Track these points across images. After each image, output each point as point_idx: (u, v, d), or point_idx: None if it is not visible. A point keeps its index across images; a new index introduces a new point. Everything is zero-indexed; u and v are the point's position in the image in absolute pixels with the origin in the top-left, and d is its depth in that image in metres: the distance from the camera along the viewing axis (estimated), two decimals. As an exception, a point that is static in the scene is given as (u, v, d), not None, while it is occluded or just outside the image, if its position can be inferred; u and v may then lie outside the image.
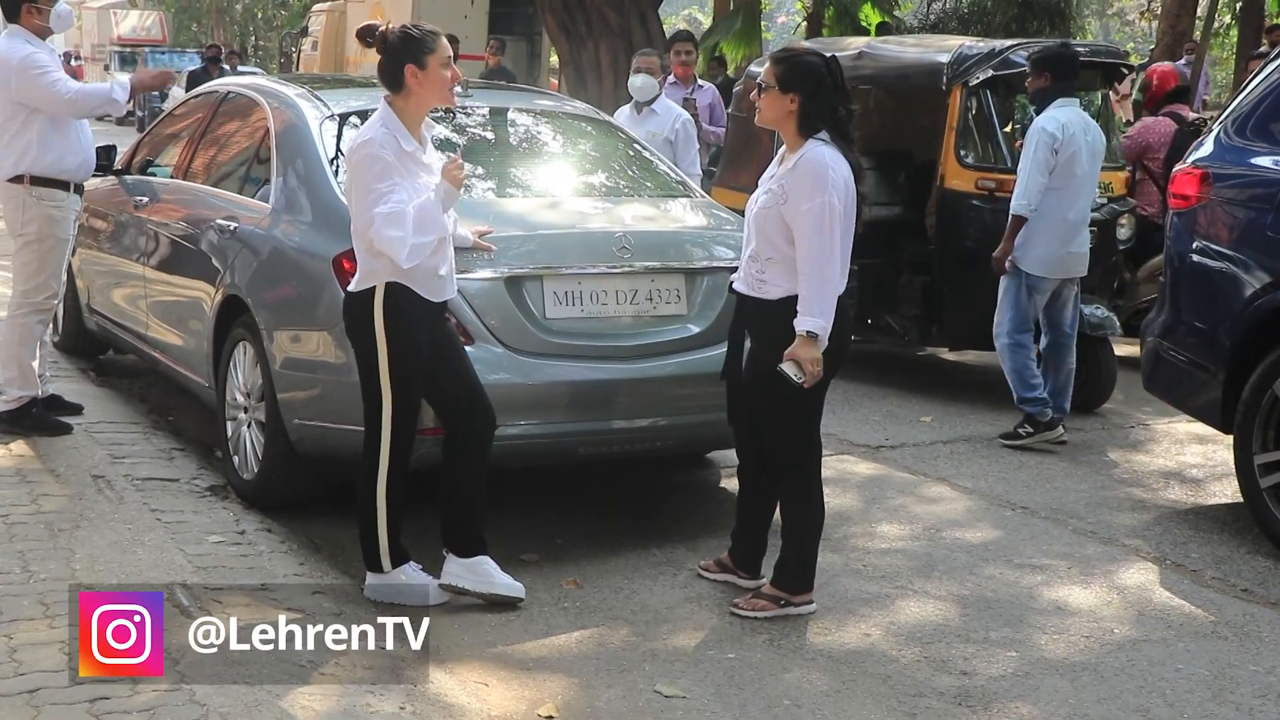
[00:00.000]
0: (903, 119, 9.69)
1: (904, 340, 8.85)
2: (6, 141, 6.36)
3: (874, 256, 8.32)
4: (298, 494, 5.74)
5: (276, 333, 5.60)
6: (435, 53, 4.71)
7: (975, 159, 8.23)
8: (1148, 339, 6.53)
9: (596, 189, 6.36)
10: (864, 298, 8.41)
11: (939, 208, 8.31)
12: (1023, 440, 7.35)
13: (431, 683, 4.18)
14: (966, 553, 5.70)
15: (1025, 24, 19.56)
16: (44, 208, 6.42)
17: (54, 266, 6.53)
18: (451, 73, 4.76)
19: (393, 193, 4.55)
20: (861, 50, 9.07)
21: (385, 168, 4.57)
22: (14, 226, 6.46)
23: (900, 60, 8.98)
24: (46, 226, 6.44)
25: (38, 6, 6.39)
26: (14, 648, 4.03)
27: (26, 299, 6.49)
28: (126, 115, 35.81)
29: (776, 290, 4.74)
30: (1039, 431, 7.36)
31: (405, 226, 4.53)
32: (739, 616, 4.90)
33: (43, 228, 6.43)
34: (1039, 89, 7.40)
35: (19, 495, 5.47)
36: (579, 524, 5.85)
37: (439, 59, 4.72)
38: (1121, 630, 4.95)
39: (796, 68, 4.78)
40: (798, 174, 4.69)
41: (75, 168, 6.54)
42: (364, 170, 4.60)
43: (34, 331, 6.54)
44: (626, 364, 5.53)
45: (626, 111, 8.70)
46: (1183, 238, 6.33)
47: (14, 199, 6.42)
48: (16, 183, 6.39)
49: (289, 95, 6.33)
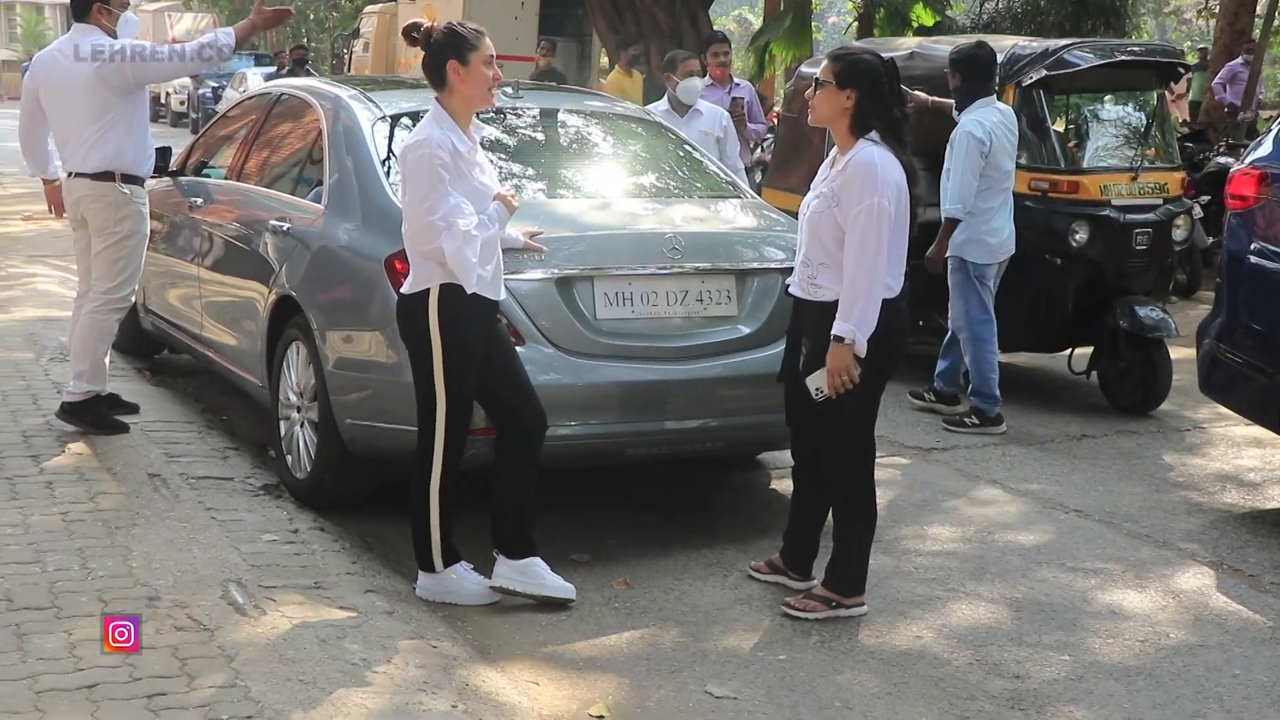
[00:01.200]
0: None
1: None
2: (94, 138, 6.35)
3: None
4: (350, 493, 5.78)
5: (329, 333, 5.64)
6: (478, 50, 4.73)
7: (1028, 159, 8.17)
8: (1204, 341, 6.47)
9: (647, 190, 6.36)
10: (915, 299, 8.35)
11: None
12: (967, 429, 7.59)
13: (483, 682, 4.20)
14: (1019, 555, 5.66)
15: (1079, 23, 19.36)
16: (135, 204, 6.47)
17: (138, 262, 6.58)
18: (493, 71, 4.78)
19: (449, 199, 4.58)
20: (914, 50, 9.04)
21: (441, 170, 4.59)
22: (106, 224, 6.45)
23: None
24: (137, 223, 6.50)
25: (109, 8, 6.43)
26: (73, 644, 4.08)
27: (110, 296, 6.52)
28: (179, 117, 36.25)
29: (830, 293, 4.73)
30: (984, 425, 7.59)
31: (476, 251, 4.59)
32: (790, 618, 4.89)
33: (134, 224, 6.48)
34: (956, 89, 7.64)
35: (77, 493, 5.54)
36: (629, 525, 5.85)
37: (481, 56, 4.73)
38: (1177, 635, 4.90)
39: (854, 65, 4.77)
40: (849, 175, 4.67)
41: (149, 166, 6.64)
42: (420, 171, 4.62)
43: (111, 328, 6.60)
44: (677, 365, 5.53)
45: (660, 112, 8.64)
46: (1240, 238, 6.26)
47: (105, 197, 6.41)
48: (106, 180, 6.39)
49: (341, 97, 6.37)
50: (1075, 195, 8.07)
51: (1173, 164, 8.65)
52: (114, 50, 6.28)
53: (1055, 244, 8.04)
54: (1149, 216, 8.11)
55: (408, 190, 4.69)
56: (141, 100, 6.54)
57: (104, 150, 6.36)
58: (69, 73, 6.36)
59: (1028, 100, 8.16)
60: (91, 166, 6.37)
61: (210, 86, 33.76)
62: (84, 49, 6.31)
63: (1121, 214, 8.03)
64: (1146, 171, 8.24)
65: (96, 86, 6.30)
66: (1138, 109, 8.82)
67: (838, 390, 4.66)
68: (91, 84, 6.30)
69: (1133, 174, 8.18)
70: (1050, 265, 8.10)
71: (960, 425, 7.58)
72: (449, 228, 4.57)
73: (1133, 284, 8.14)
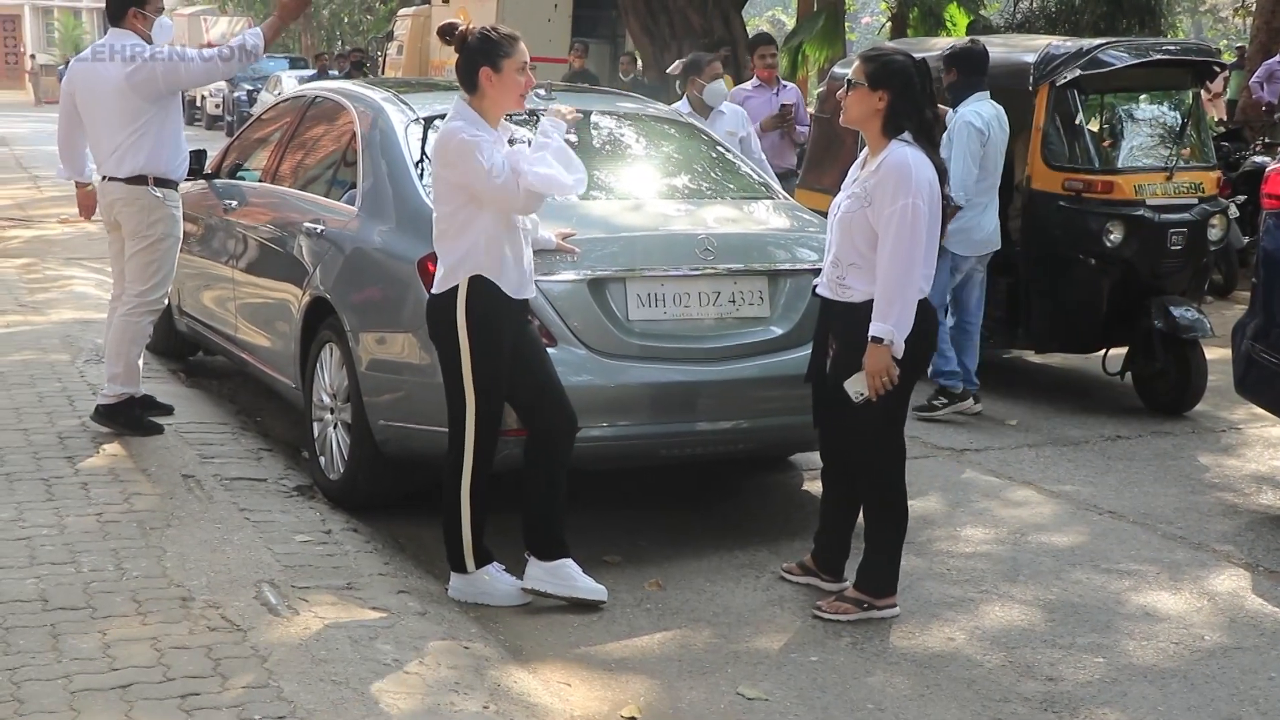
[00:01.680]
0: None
1: (989, 342, 8.75)
2: (127, 143, 6.39)
3: None
4: (383, 494, 5.80)
5: (362, 335, 5.66)
6: (511, 57, 4.74)
7: (1062, 159, 8.13)
8: (1240, 341, 6.42)
9: (679, 191, 6.36)
10: (949, 300, 8.36)
11: (1025, 208, 8.22)
12: (938, 412, 7.70)
13: (515, 683, 4.20)
14: (1053, 557, 5.63)
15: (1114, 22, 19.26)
16: (168, 207, 6.50)
17: (171, 265, 6.62)
18: (526, 79, 4.78)
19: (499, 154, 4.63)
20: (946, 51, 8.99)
21: (481, 143, 4.63)
22: (139, 228, 6.49)
23: None
24: (170, 226, 6.53)
25: (144, 13, 6.47)
26: (107, 644, 4.11)
27: (144, 298, 6.56)
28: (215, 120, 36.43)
29: (859, 294, 4.73)
30: (952, 403, 7.74)
31: (549, 163, 4.66)
32: (822, 619, 4.88)
33: (168, 227, 6.51)
34: (951, 84, 7.70)
35: (112, 494, 5.58)
36: (661, 526, 5.85)
37: (514, 64, 4.74)
38: (1212, 637, 4.87)
39: (887, 66, 4.76)
40: (881, 176, 4.66)
41: (183, 169, 6.67)
42: (467, 154, 4.63)
43: (145, 331, 6.65)
44: (709, 366, 5.53)
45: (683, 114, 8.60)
46: (1277, 238, 6.21)
47: (139, 200, 6.45)
48: (139, 184, 6.43)
49: (375, 99, 6.39)
50: (1110, 195, 8.01)
51: (1208, 163, 8.59)
52: (145, 56, 6.32)
53: (1090, 244, 7.98)
54: (1184, 216, 8.05)
55: (468, 175, 4.66)
56: (174, 105, 6.57)
57: (137, 155, 6.39)
58: (103, 78, 6.40)
59: (1062, 100, 8.12)
60: (125, 171, 6.42)
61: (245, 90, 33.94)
62: (118, 54, 6.35)
63: (1156, 214, 7.98)
64: (1182, 171, 8.18)
65: (128, 92, 6.35)
66: (1173, 108, 8.76)
67: (879, 391, 4.65)
68: (123, 89, 6.34)
69: (1168, 173, 8.12)
70: (1085, 265, 8.05)
71: (931, 410, 7.71)
72: (519, 174, 4.62)
73: (1168, 284, 8.08)
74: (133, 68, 6.31)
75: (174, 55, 6.38)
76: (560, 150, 4.75)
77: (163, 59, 6.33)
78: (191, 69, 6.40)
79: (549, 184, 4.67)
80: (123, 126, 6.39)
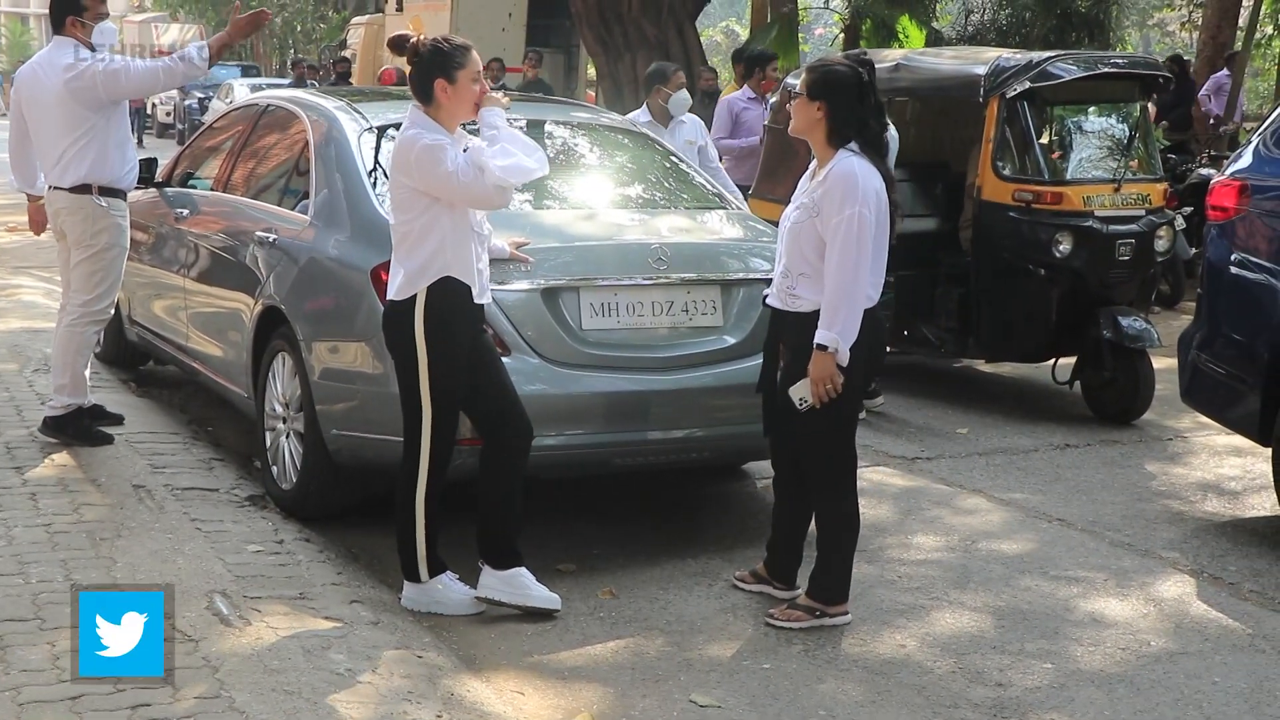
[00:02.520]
0: (940, 130, 9.67)
1: (940, 352, 8.83)
2: (70, 152, 6.33)
3: (910, 268, 8.32)
4: (336, 504, 5.79)
5: (315, 344, 5.65)
6: (465, 68, 4.74)
7: (1012, 170, 8.21)
8: (1186, 351, 6.50)
9: (633, 201, 6.38)
10: (900, 309, 8.42)
11: (976, 219, 8.30)
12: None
13: (468, 692, 4.21)
14: (1002, 564, 5.68)
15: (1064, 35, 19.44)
16: (113, 217, 6.43)
17: (116, 276, 6.56)
18: (480, 88, 4.79)
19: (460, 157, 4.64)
20: (899, 62, 9.07)
21: (445, 148, 4.64)
22: (82, 237, 6.44)
23: (937, 72, 8.98)
24: (115, 236, 6.46)
25: (82, 20, 6.43)
26: (56, 655, 4.07)
27: (88, 308, 6.50)
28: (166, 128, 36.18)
29: (808, 304, 4.76)
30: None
31: (509, 152, 4.66)
32: (774, 627, 4.90)
33: (112, 237, 6.45)
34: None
35: (61, 505, 5.53)
36: (615, 534, 5.86)
37: (469, 73, 4.75)
38: (1158, 643, 4.93)
39: (825, 76, 4.80)
40: (828, 186, 4.70)
41: (131, 178, 6.61)
42: (432, 152, 4.63)
43: (90, 341, 6.59)
44: (663, 375, 5.55)
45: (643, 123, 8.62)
46: (1220, 249, 6.30)
47: (82, 209, 6.39)
48: (83, 193, 6.37)
49: (328, 108, 6.39)
50: (1059, 206, 8.09)
51: (1155, 175, 8.70)
52: (86, 63, 6.27)
53: (1039, 255, 8.06)
54: (1132, 227, 8.14)
55: (431, 181, 4.67)
56: (119, 113, 6.50)
57: (81, 163, 6.33)
58: (44, 86, 6.36)
59: (1012, 112, 8.20)
60: (69, 180, 6.36)
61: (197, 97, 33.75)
62: (58, 63, 6.31)
63: (1105, 225, 8.07)
64: (1129, 183, 8.28)
65: (68, 100, 6.29)
66: (1121, 121, 8.86)
67: (822, 399, 4.69)
68: (64, 97, 6.29)
69: (1116, 185, 8.22)
70: (1034, 276, 8.13)
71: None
72: (484, 169, 4.62)
73: (1116, 295, 8.17)
74: (72, 75, 6.25)
75: (115, 63, 6.32)
76: (512, 136, 4.76)
77: (102, 67, 6.27)
78: (132, 78, 6.32)
79: (515, 172, 4.68)
80: (65, 135, 6.33)
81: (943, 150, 9.51)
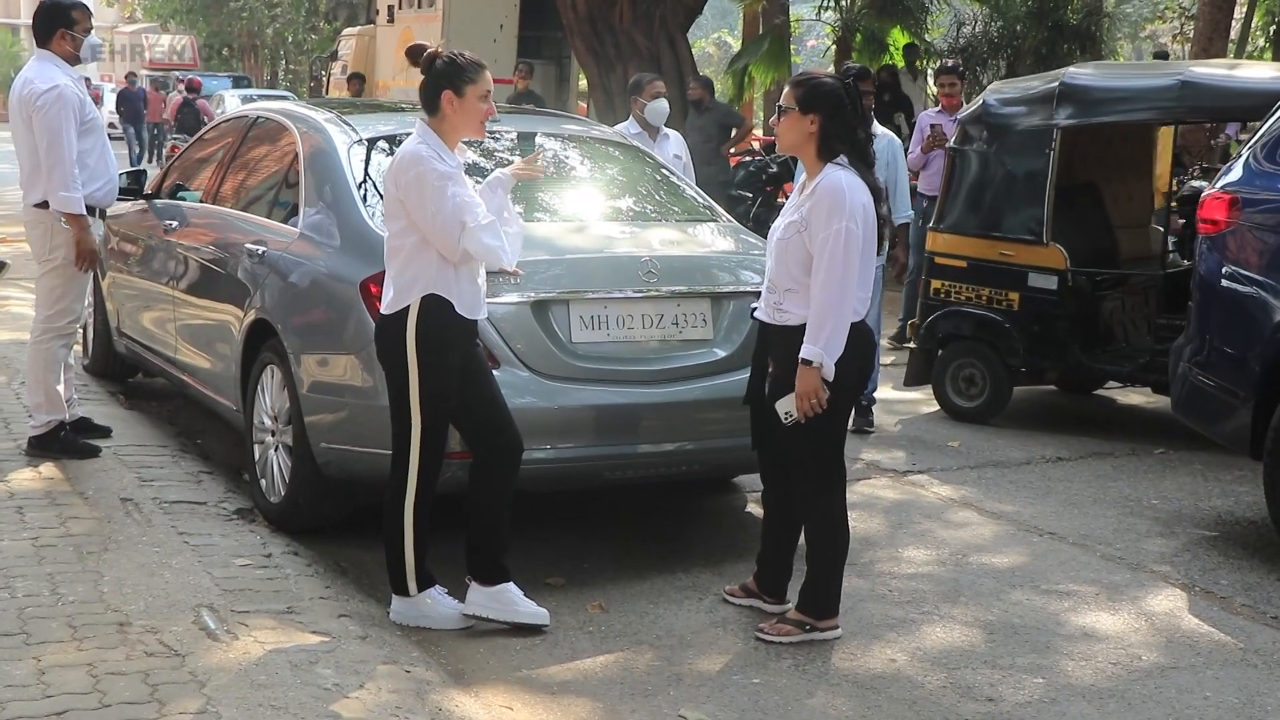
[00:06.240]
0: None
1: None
2: (36, 170, 6.34)
3: None
4: (324, 517, 5.76)
5: (304, 356, 5.63)
6: (475, 84, 4.75)
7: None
8: (1178, 364, 6.50)
9: (623, 213, 6.38)
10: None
11: None
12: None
13: (456, 706, 4.18)
14: (993, 578, 5.67)
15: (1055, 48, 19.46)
16: (70, 233, 6.43)
17: (77, 291, 6.54)
18: (488, 107, 4.79)
19: (454, 200, 4.61)
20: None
21: (438, 180, 4.62)
22: (40, 252, 6.46)
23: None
24: (72, 252, 6.44)
25: (72, 34, 6.42)
26: (42, 670, 4.05)
27: (50, 324, 6.49)
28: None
29: (796, 318, 4.75)
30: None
31: (498, 235, 4.67)
32: (764, 641, 4.89)
33: (69, 253, 6.41)
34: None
35: (48, 518, 5.51)
36: (604, 548, 5.85)
37: (478, 90, 4.76)
38: (1149, 657, 4.92)
39: (816, 89, 4.80)
40: (816, 200, 4.70)
41: (101, 194, 6.56)
42: (428, 183, 4.63)
43: (57, 356, 6.55)
44: (652, 388, 5.54)
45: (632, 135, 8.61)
46: (1212, 262, 6.30)
47: (41, 225, 6.40)
48: (43, 208, 6.36)
49: (318, 120, 6.37)
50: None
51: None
52: (38, 94, 6.25)
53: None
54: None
55: (420, 202, 4.65)
56: (92, 130, 6.48)
57: (48, 181, 6.29)
58: (12, 107, 6.42)
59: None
60: (33, 197, 6.39)
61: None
62: (33, 83, 6.32)
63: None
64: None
65: (28, 121, 6.33)
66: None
67: (807, 414, 4.68)
68: (25, 117, 6.33)
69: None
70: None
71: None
72: (464, 229, 4.61)
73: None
74: (23, 101, 6.30)
75: (47, 106, 6.23)
76: (510, 221, 4.85)
77: (43, 107, 6.23)
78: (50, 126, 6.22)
79: (488, 254, 4.71)
80: (30, 154, 6.38)
81: None
